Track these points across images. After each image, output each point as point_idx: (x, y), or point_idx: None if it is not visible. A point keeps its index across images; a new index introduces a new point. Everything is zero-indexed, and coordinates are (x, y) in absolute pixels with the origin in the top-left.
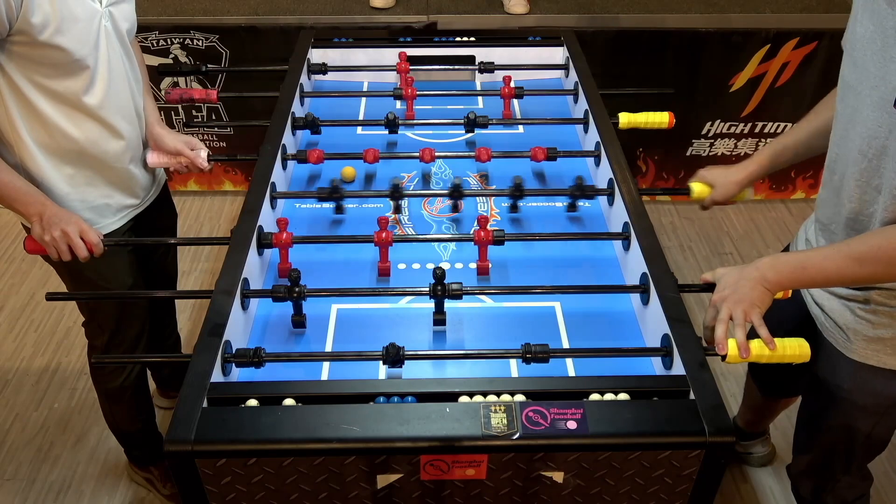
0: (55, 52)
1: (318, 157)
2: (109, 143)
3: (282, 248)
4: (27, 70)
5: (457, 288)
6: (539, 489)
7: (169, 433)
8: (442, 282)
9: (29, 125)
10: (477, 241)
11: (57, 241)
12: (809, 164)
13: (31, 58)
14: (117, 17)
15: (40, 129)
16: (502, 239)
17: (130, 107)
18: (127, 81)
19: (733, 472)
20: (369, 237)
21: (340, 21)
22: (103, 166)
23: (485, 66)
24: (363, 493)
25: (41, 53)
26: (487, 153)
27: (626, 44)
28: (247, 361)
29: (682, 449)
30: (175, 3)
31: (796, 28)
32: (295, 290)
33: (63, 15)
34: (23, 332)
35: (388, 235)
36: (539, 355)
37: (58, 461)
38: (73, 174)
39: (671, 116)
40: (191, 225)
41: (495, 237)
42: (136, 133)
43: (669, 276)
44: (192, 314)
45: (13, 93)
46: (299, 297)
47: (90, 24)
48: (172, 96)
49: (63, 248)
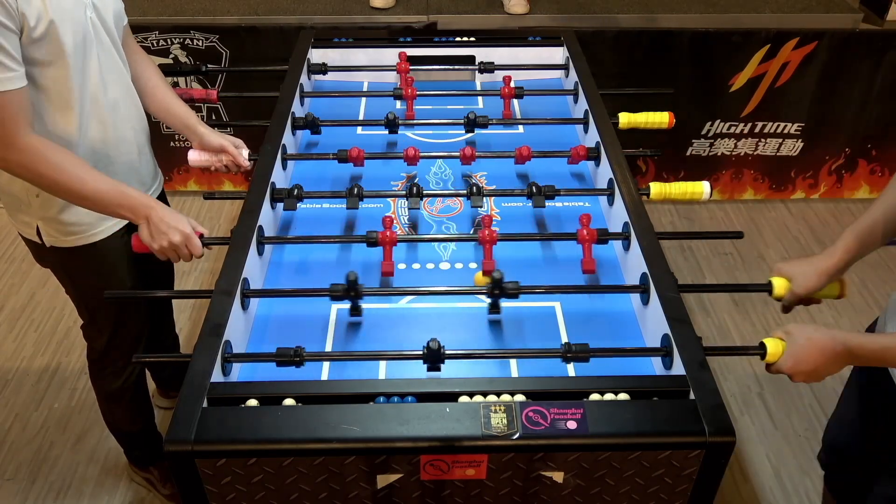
0: (50, 46)
1: (357, 155)
2: (105, 138)
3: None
4: (28, 69)
5: (513, 287)
6: (539, 489)
7: (169, 433)
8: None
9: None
10: (482, 241)
11: (165, 250)
12: (809, 165)
13: (28, 57)
14: (101, 8)
15: (37, 128)
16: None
17: (124, 101)
18: (118, 74)
19: (733, 472)
20: (374, 237)
21: (340, 21)
22: (98, 164)
23: (485, 66)
24: (363, 493)
25: (37, 48)
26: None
27: (626, 44)
28: (287, 361)
29: (682, 449)
30: (175, 3)
31: (796, 28)
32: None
33: (54, 7)
34: (23, 332)
35: (393, 235)
36: (580, 355)
37: (58, 461)
38: None
39: (671, 116)
40: None
41: (500, 237)
42: (130, 128)
43: (669, 276)
44: (192, 314)
45: None
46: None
47: (78, 15)
48: None
49: (171, 256)
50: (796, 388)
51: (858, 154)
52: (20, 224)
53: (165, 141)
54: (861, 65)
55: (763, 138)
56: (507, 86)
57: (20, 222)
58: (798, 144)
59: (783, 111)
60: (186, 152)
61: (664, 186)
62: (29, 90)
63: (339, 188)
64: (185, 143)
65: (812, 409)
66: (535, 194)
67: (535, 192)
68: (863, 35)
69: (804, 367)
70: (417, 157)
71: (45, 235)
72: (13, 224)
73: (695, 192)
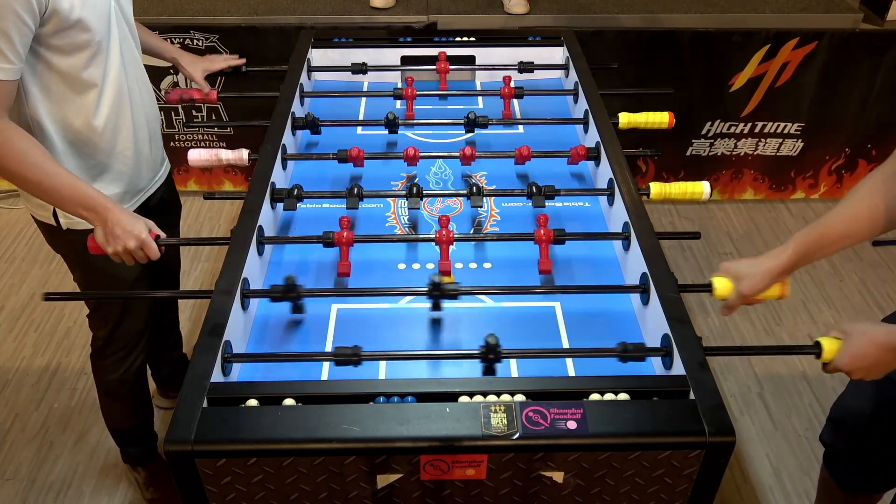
0: (81, 33)
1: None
2: (120, 124)
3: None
4: (50, 56)
5: (451, 288)
6: (539, 489)
7: (169, 433)
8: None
9: (49, 112)
10: (438, 241)
11: (120, 254)
12: (809, 165)
13: (56, 45)
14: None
15: (58, 117)
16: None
17: (138, 88)
18: (134, 62)
19: (733, 472)
20: (330, 238)
21: (340, 21)
22: (114, 150)
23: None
24: (363, 493)
25: (67, 37)
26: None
27: (626, 44)
28: (345, 360)
29: (682, 449)
30: (175, 3)
31: (796, 28)
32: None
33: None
34: (23, 332)
35: (350, 235)
36: (634, 355)
37: (58, 461)
38: (88, 162)
39: (671, 116)
40: (191, 225)
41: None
42: (143, 115)
43: (669, 276)
44: (192, 314)
45: (35, 83)
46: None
47: (104, 5)
48: (172, 97)
49: (126, 259)
50: (796, 388)
51: (858, 154)
52: (35, 206)
53: (165, 141)
54: (861, 65)
55: (763, 138)
56: (507, 86)
57: (35, 205)
58: (798, 144)
59: (783, 111)
60: (186, 152)
61: (664, 186)
62: (52, 78)
63: (339, 188)
64: (185, 143)
65: (812, 409)
66: (535, 194)
67: (535, 192)
68: (863, 35)
69: (863, 363)
70: (417, 157)
71: (63, 217)
72: (27, 207)
73: (695, 192)
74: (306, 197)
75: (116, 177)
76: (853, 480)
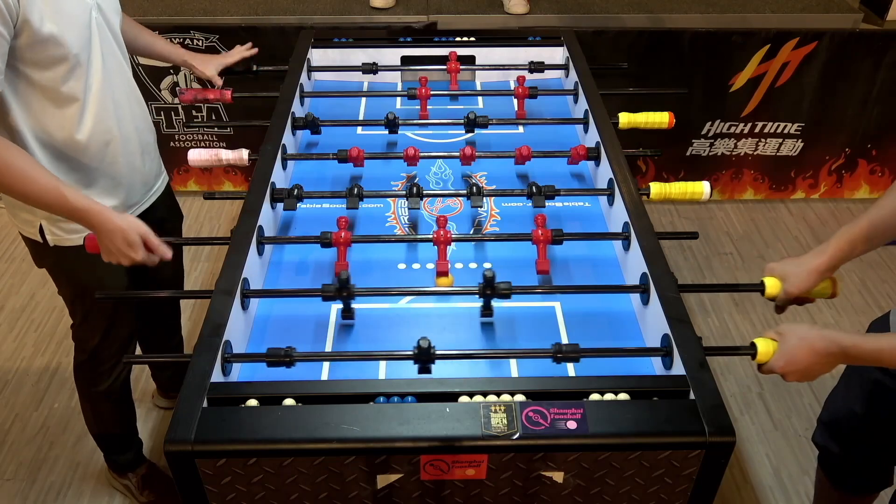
0: (53, 47)
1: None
2: (107, 138)
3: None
4: (27, 70)
5: (505, 288)
6: (539, 489)
7: (169, 433)
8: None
9: (30, 126)
10: (436, 242)
11: (120, 248)
12: (809, 165)
13: (31, 59)
14: (106, 10)
15: (40, 131)
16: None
17: (127, 100)
18: (120, 73)
19: (733, 472)
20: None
21: (340, 21)
22: (101, 164)
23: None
24: (363, 493)
25: (41, 50)
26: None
27: (627, 44)
28: (277, 361)
29: (682, 449)
30: (175, 3)
31: (796, 28)
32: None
33: (55, 7)
34: (23, 332)
35: (348, 236)
36: (570, 355)
37: (58, 461)
38: (73, 176)
39: (671, 116)
40: (191, 225)
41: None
42: (133, 128)
43: (669, 276)
44: (192, 314)
45: (15, 96)
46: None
47: (82, 18)
48: (186, 97)
49: (128, 252)
50: (796, 388)
51: (858, 154)
52: (21, 222)
53: (165, 141)
54: (861, 65)
55: (763, 138)
56: (521, 86)
57: (21, 220)
58: (798, 144)
59: (783, 111)
60: (186, 152)
61: (664, 186)
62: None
63: (339, 188)
64: (185, 144)
65: (812, 409)
66: (535, 194)
67: (535, 192)
68: (863, 35)
69: (796, 367)
70: (417, 157)
71: (49, 234)
72: (13, 222)
73: (695, 192)
74: (306, 197)
75: (107, 190)
76: (847, 481)
